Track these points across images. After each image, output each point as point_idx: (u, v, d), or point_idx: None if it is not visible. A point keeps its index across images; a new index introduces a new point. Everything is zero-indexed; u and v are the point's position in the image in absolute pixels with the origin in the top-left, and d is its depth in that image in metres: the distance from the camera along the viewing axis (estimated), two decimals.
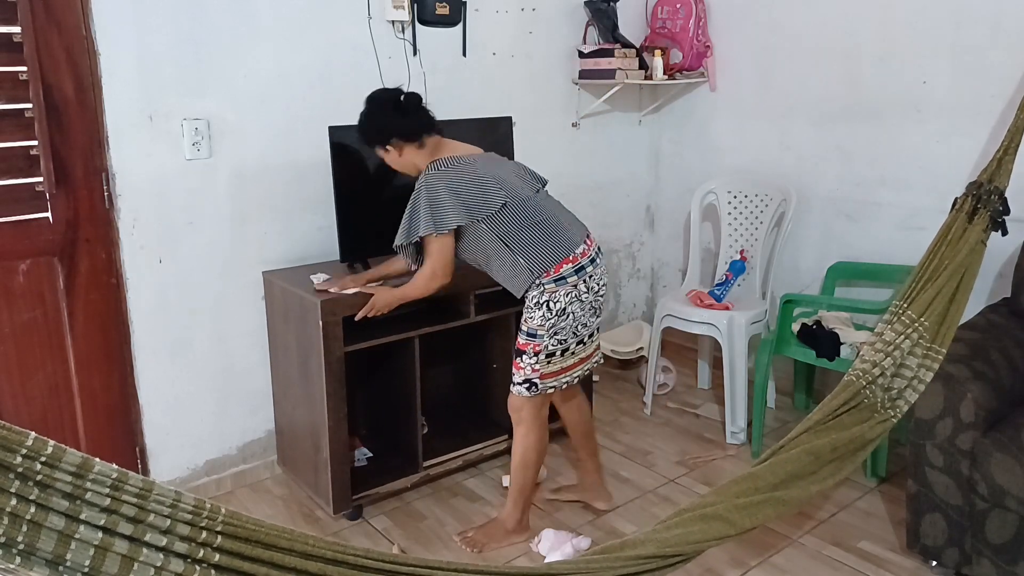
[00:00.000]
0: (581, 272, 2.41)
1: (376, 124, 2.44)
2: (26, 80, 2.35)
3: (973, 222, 2.39)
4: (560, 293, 2.39)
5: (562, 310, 2.40)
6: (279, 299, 2.77)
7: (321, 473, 2.67)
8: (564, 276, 2.38)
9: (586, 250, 2.44)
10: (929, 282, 2.24)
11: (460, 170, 2.38)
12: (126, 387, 2.70)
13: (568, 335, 2.45)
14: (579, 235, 2.46)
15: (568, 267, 2.39)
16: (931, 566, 2.40)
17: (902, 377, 2.14)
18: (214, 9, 2.65)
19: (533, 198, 2.46)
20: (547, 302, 2.39)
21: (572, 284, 2.40)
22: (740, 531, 1.79)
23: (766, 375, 3.14)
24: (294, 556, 1.19)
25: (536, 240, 2.39)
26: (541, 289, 2.39)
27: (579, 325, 2.46)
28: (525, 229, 2.39)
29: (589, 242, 2.48)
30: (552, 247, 2.39)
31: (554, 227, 2.42)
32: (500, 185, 2.38)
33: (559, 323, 2.41)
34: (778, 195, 3.48)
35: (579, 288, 2.41)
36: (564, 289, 2.39)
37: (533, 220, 2.41)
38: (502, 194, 2.37)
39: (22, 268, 2.46)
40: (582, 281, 2.41)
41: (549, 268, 2.37)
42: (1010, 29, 2.81)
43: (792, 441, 1.96)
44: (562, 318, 2.41)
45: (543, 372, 2.45)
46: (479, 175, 2.38)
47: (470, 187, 2.35)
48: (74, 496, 1.03)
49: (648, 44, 3.77)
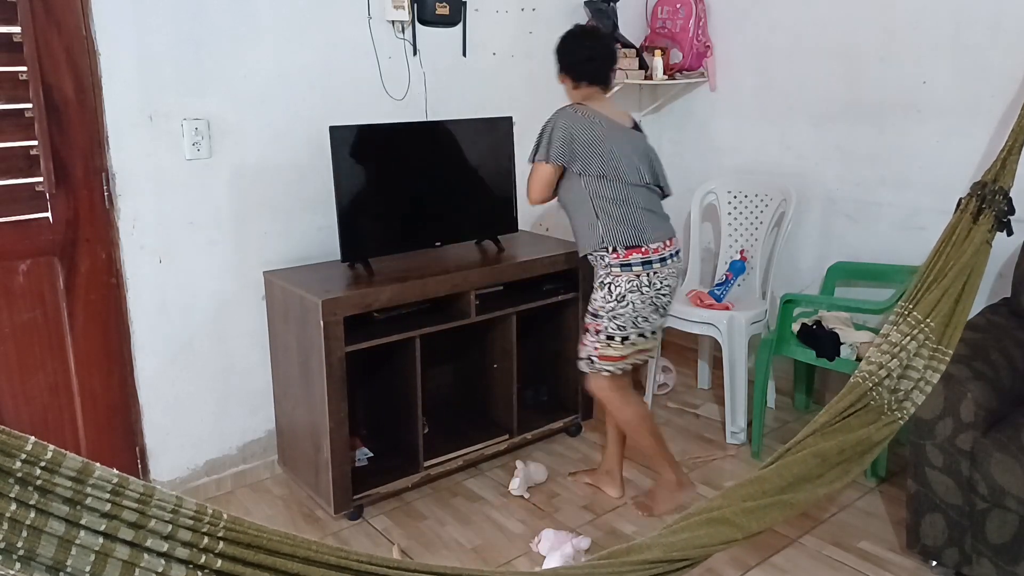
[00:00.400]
0: (647, 266, 2.54)
1: (559, 50, 2.66)
2: (26, 80, 2.35)
3: (978, 222, 2.38)
4: (623, 279, 2.54)
5: (621, 296, 2.54)
6: (279, 299, 2.77)
7: (321, 473, 2.67)
8: (630, 264, 2.53)
9: (660, 248, 2.56)
10: (935, 283, 2.24)
11: (584, 124, 2.53)
12: (126, 387, 2.70)
13: (628, 324, 2.57)
14: (659, 233, 2.58)
15: (636, 256, 2.53)
16: (931, 566, 2.40)
17: (909, 378, 2.13)
18: (214, 9, 2.64)
19: (634, 185, 2.57)
20: (609, 284, 2.56)
21: (635, 274, 2.53)
22: (747, 535, 1.78)
23: (766, 375, 3.14)
24: (296, 562, 1.19)
25: (620, 217, 2.54)
26: (608, 270, 2.56)
27: (639, 317, 2.57)
28: (614, 204, 2.54)
29: (668, 243, 2.60)
30: (630, 230, 2.54)
31: (639, 215, 2.56)
32: (607, 158, 2.53)
33: (618, 308, 2.55)
34: (778, 195, 3.48)
35: (641, 280, 2.54)
36: (627, 276, 2.54)
37: (624, 200, 2.55)
38: (602, 166, 2.52)
39: (22, 268, 2.46)
40: (646, 274, 2.54)
41: (619, 248, 2.53)
42: (1010, 29, 2.81)
43: (799, 444, 1.96)
44: (621, 304, 2.55)
45: (601, 353, 2.61)
46: (596, 139, 2.53)
47: (583, 142, 2.52)
48: (74, 501, 1.02)
49: (648, 44, 3.76)
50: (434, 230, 2.99)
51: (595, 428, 3.39)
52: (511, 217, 3.20)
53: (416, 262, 2.91)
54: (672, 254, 2.61)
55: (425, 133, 2.94)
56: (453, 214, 3.05)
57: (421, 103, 3.18)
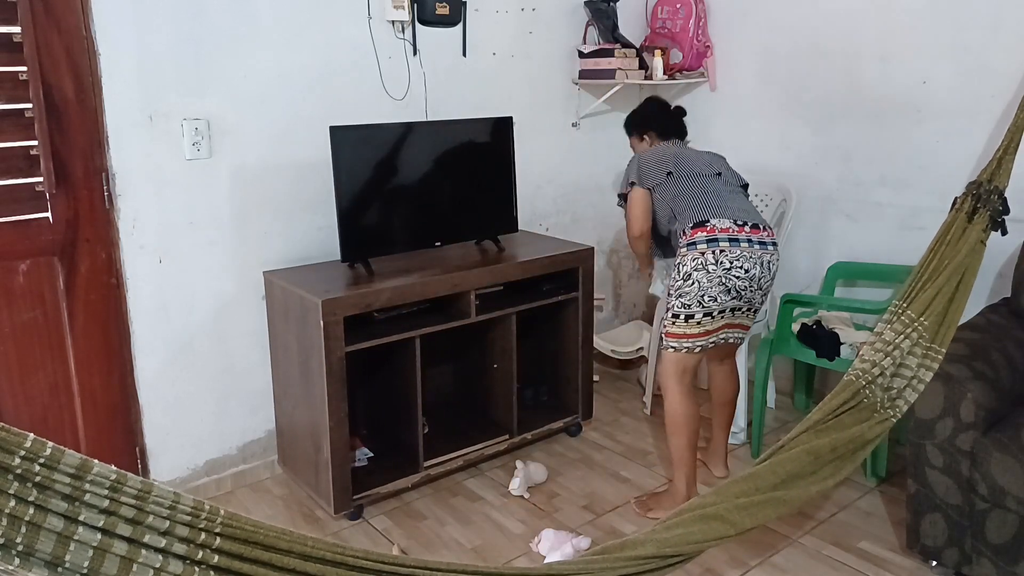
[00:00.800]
0: (713, 243, 2.56)
1: (643, 112, 3.03)
2: (26, 80, 2.35)
3: (973, 222, 2.39)
4: (688, 258, 2.58)
5: (688, 275, 2.57)
6: (280, 299, 2.77)
7: (321, 473, 2.67)
8: (695, 242, 2.58)
9: (731, 228, 2.58)
10: (929, 282, 2.24)
11: (656, 149, 2.85)
12: (126, 387, 2.71)
13: (693, 302, 2.57)
14: (731, 212, 2.62)
15: (701, 235, 2.57)
16: (931, 566, 2.40)
17: (902, 377, 2.13)
18: (214, 9, 2.65)
19: (702, 176, 2.72)
20: (678, 264, 2.61)
21: (700, 252, 2.56)
22: (740, 531, 1.79)
23: (766, 375, 3.14)
24: (293, 557, 1.19)
25: (690, 203, 2.65)
26: (680, 253, 2.62)
27: (705, 295, 2.56)
28: (686, 196, 2.67)
29: (745, 228, 2.60)
30: (696, 209, 2.62)
31: (709, 198, 2.65)
32: (671, 161, 2.73)
33: (684, 287, 2.58)
34: (778, 195, 3.48)
35: (707, 257, 2.55)
36: (692, 254, 2.57)
37: (694, 191, 2.67)
38: (668, 167, 2.71)
39: (22, 268, 2.46)
40: (711, 251, 2.55)
41: (686, 229, 2.61)
42: (1010, 29, 2.81)
43: (792, 441, 1.96)
44: (687, 282, 2.57)
45: (668, 330, 2.65)
46: (661, 154, 2.79)
47: (651, 161, 2.77)
48: (73, 497, 1.03)
49: (648, 44, 3.76)
50: (434, 230, 2.99)
51: (595, 428, 3.39)
52: (511, 217, 3.20)
53: (416, 262, 2.91)
54: (750, 239, 2.59)
55: (425, 133, 2.94)
56: (453, 214, 3.05)
57: (421, 103, 3.18)
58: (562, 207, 3.82)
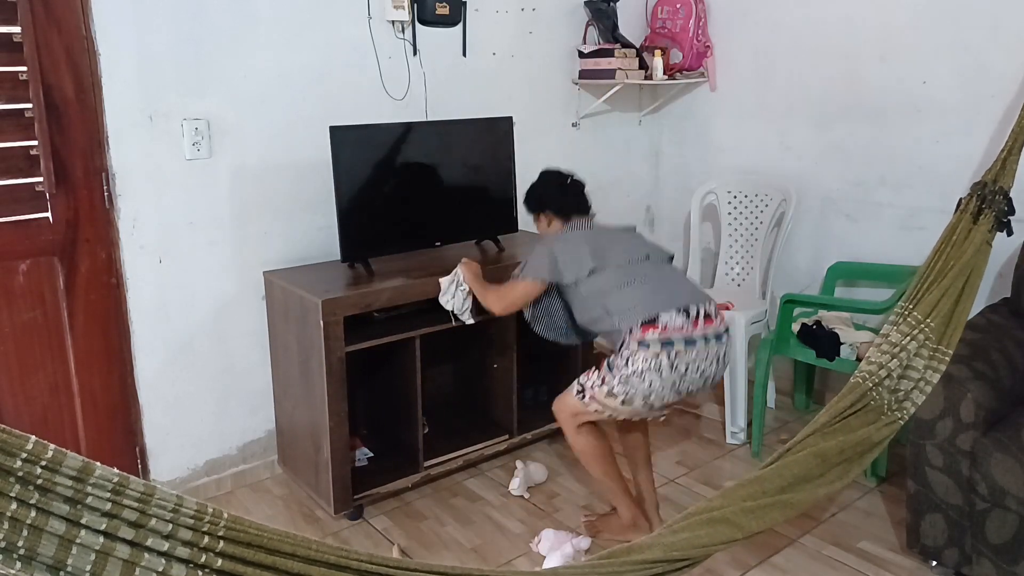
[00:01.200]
0: (668, 345, 2.30)
1: (537, 192, 2.70)
2: (26, 80, 2.35)
3: (978, 223, 2.39)
4: (639, 356, 2.31)
5: (640, 372, 2.32)
6: (280, 299, 2.77)
7: (321, 473, 2.67)
8: (647, 343, 2.31)
9: (684, 325, 2.32)
10: (935, 283, 2.24)
11: (570, 237, 2.55)
12: (126, 387, 2.70)
13: (637, 395, 2.34)
14: (678, 302, 2.37)
15: (653, 334, 2.31)
16: (931, 566, 2.40)
17: (909, 379, 2.13)
18: (214, 9, 2.64)
19: (631, 264, 2.48)
20: (628, 358, 2.33)
21: (654, 353, 2.30)
22: (747, 535, 1.78)
23: (766, 375, 3.14)
24: (297, 561, 1.19)
25: (628, 298, 2.40)
26: (630, 349, 2.33)
27: (653, 395, 2.34)
28: (619, 289, 2.42)
29: (699, 322, 2.35)
30: (640, 305, 2.36)
31: (646, 291, 2.41)
32: (588, 256, 2.46)
33: (632, 378, 2.33)
34: (778, 195, 3.48)
35: (661, 360, 2.30)
36: (644, 354, 2.31)
37: (626, 282, 2.43)
38: (588, 263, 2.45)
39: (22, 268, 2.46)
40: (666, 354, 2.30)
41: (633, 327, 2.33)
42: (1010, 29, 2.81)
43: (799, 444, 1.96)
44: (638, 377, 2.32)
45: (595, 395, 2.40)
46: (575, 247, 2.50)
47: (567, 257, 2.48)
48: (75, 500, 1.02)
49: (648, 44, 3.76)
50: (434, 230, 2.99)
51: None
52: (511, 217, 3.20)
53: (416, 262, 2.91)
54: (705, 336, 2.34)
55: (425, 133, 2.94)
56: (453, 214, 3.05)
57: (421, 103, 3.18)
58: None
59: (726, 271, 3.67)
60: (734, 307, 3.30)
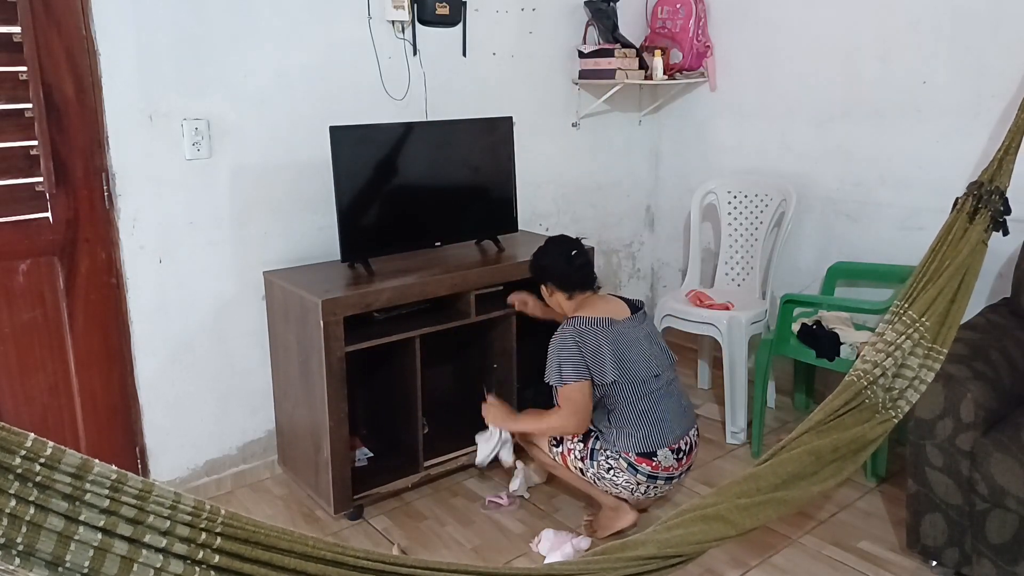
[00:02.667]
0: (652, 480, 2.46)
1: (541, 262, 2.62)
2: (26, 80, 2.35)
3: (974, 222, 2.39)
4: (623, 477, 2.46)
5: (616, 484, 2.48)
6: (279, 299, 2.77)
7: (321, 473, 2.67)
8: (637, 469, 2.44)
9: (672, 466, 2.47)
10: (930, 282, 2.24)
11: (588, 335, 2.46)
12: (126, 387, 2.70)
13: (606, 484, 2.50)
14: (673, 437, 2.46)
15: (646, 467, 2.44)
16: (931, 566, 2.40)
17: (903, 377, 2.13)
18: (214, 9, 2.65)
19: (646, 382, 2.47)
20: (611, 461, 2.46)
21: (637, 481, 2.45)
22: (741, 532, 1.79)
23: (766, 375, 3.14)
24: (294, 557, 1.19)
25: (634, 421, 2.45)
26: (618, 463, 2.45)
27: (614, 492, 2.52)
28: (628, 406, 2.46)
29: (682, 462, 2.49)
30: (642, 438, 2.44)
31: (651, 420, 2.45)
32: (617, 363, 2.44)
33: (606, 480, 2.49)
34: (778, 195, 3.48)
35: (641, 488, 2.47)
36: (627, 476, 2.45)
37: (635, 404, 2.46)
38: (615, 372, 2.43)
39: (22, 268, 2.46)
40: (648, 485, 2.47)
41: (630, 450, 2.44)
42: (1010, 29, 2.81)
43: (793, 441, 1.96)
44: (614, 479, 2.48)
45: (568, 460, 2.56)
46: (601, 346, 2.44)
47: (591, 353, 2.44)
48: (73, 497, 1.03)
49: (648, 44, 3.76)
50: (434, 230, 2.99)
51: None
52: (511, 217, 3.20)
53: (416, 262, 2.91)
54: (684, 472, 2.53)
55: (425, 133, 2.94)
56: (453, 214, 3.05)
57: (421, 103, 3.18)
58: (562, 207, 3.82)
59: (726, 271, 3.67)
60: (734, 307, 3.30)
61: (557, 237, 2.68)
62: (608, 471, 2.46)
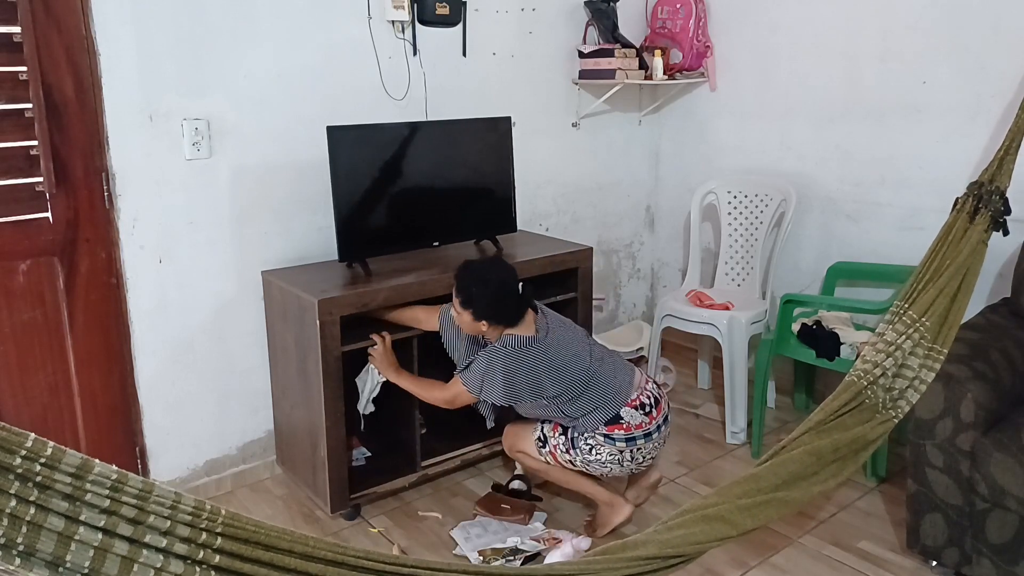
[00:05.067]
0: (631, 442, 2.49)
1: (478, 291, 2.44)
2: (26, 80, 2.35)
3: (974, 222, 2.39)
4: (604, 450, 2.49)
5: (601, 460, 2.51)
6: (278, 299, 2.77)
7: (319, 472, 2.67)
8: (613, 439, 2.48)
9: (643, 422, 2.50)
10: (930, 282, 2.24)
11: (522, 357, 2.43)
12: (126, 387, 2.70)
13: (593, 470, 2.55)
14: (630, 392, 2.51)
15: (620, 433, 2.48)
16: (931, 566, 2.40)
17: (903, 377, 2.13)
18: (214, 9, 2.65)
19: (584, 371, 2.49)
20: (592, 444, 2.50)
21: (619, 449, 2.49)
22: (742, 532, 1.79)
23: (766, 375, 3.14)
24: (294, 557, 1.19)
25: (587, 405, 2.49)
26: (595, 440, 2.50)
27: (609, 472, 2.55)
28: (575, 398, 2.48)
29: (651, 415, 2.52)
30: (602, 409, 2.49)
31: (602, 389, 2.49)
32: (557, 376, 2.45)
33: (592, 462, 2.53)
34: (778, 195, 3.48)
35: (624, 455, 2.50)
36: (609, 448, 2.49)
37: (582, 390, 2.48)
38: (556, 387, 2.46)
39: (22, 268, 2.46)
40: (629, 451, 2.50)
41: (598, 426, 2.48)
42: (1010, 29, 2.81)
43: (794, 442, 1.96)
44: (598, 460, 2.51)
45: (556, 455, 2.58)
46: (537, 368, 2.44)
47: (526, 376, 2.44)
48: (74, 497, 1.03)
49: (648, 44, 3.77)
50: (432, 230, 2.99)
51: None
52: (510, 217, 3.20)
53: (414, 262, 2.91)
54: (659, 426, 2.54)
55: (424, 133, 2.94)
56: (452, 214, 3.05)
57: (421, 103, 3.18)
58: (562, 207, 3.82)
59: (726, 271, 3.67)
60: (734, 307, 3.30)
61: (501, 266, 2.55)
62: (591, 451, 2.50)
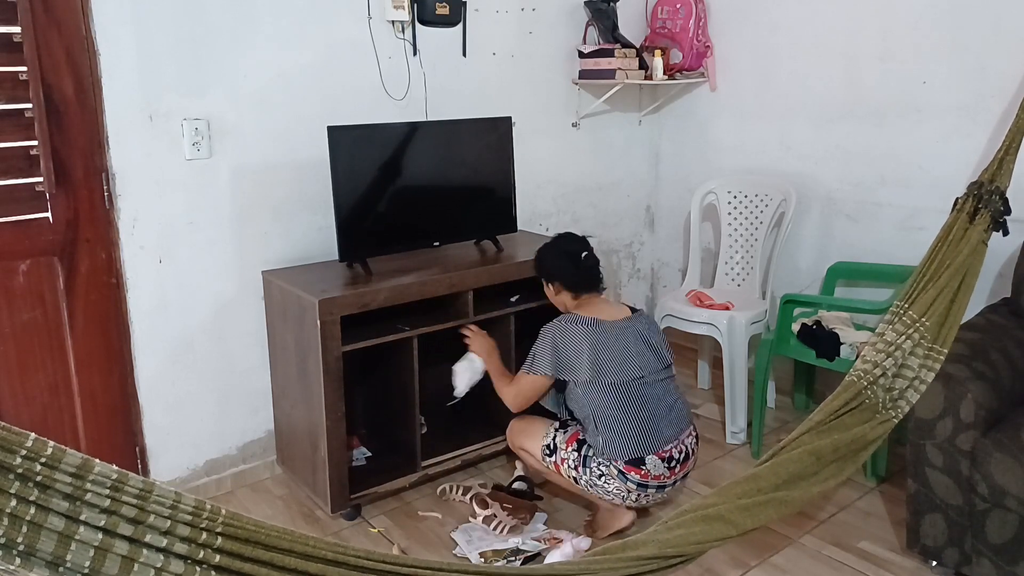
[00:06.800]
0: (643, 488, 2.44)
1: (548, 262, 2.65)
2: (26, 80, 2.35)
3: (974, 222, 2.39)
4: (613, 485, 2.44)
5: (608, 491, 2.46)
6: (278, 299, 2.77)
7: (319, 472, 2.67)
8: (627, 477, 2.42)
9: (663, 475, 2.44)
10: (930, 282, 2.24)
11: (574, 332, 2.48)
12: (126, 387, 2.70)
13: (599, 491, 2.49)
14: (663, 442, 2.44)
15: (635, 476, 2.42)
16: (931, 566, 2.40)
17: (903, 377, 2.13)
18: (214, 9, 2.65)
19: (628, 384, 2.45)
20: (603, 471, 2.44)
21: (628, 489, 2.44)
22: (741, 532, 1.79)
23: (766, 375, 3.14)
24: (294, 557, 1.19)
25: (619, 427, 2.43)
26: (608, 471, 2.43)
27: (607, 499, 2.51)
28: (609, 414, 2.44)
29: (675, 471, 2.46)
30: (630, 442, 2.42)
31: (637, 424, 2.43)
32: (592, 361, 2.43)
33: (598, 487, 2.48)
34: (778, 195, 3.48)
35: (632, 496, 2.46)
36: (618, 484, 2.44)
37: (619, 407, 2.44)
38: (587, 372, 2.43)
39: (22, 268, 2.46)
40: (638, 493, 2.45)
41: (619, 460, 2.41)
42: (1010, 29, 2.81)
43: (794, 442, 1.96)
44: (605, 487, 2.46)
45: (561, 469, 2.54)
46: (581, 344, 2.45)
47: (569, 350, 2.46)
48: (74, 497, 1.03)
49: (648, 44, 3.77)
50: (433, 230, 2.99)
51: None
52: (510, 217, 3.20)
53: (414, 262, 2.91)
54: (678, 480, 2.49)
55: (424, 133, 2.94)
56: (452, 214, 3.05)
57: (421, 103, 3.18)
58: (562, 207, 3.82)
59: (726, 271, 3.67)
60: (734, 307, 3.30)
61: (565, 236, 2.70)
62: (599, 477, 2.45)
